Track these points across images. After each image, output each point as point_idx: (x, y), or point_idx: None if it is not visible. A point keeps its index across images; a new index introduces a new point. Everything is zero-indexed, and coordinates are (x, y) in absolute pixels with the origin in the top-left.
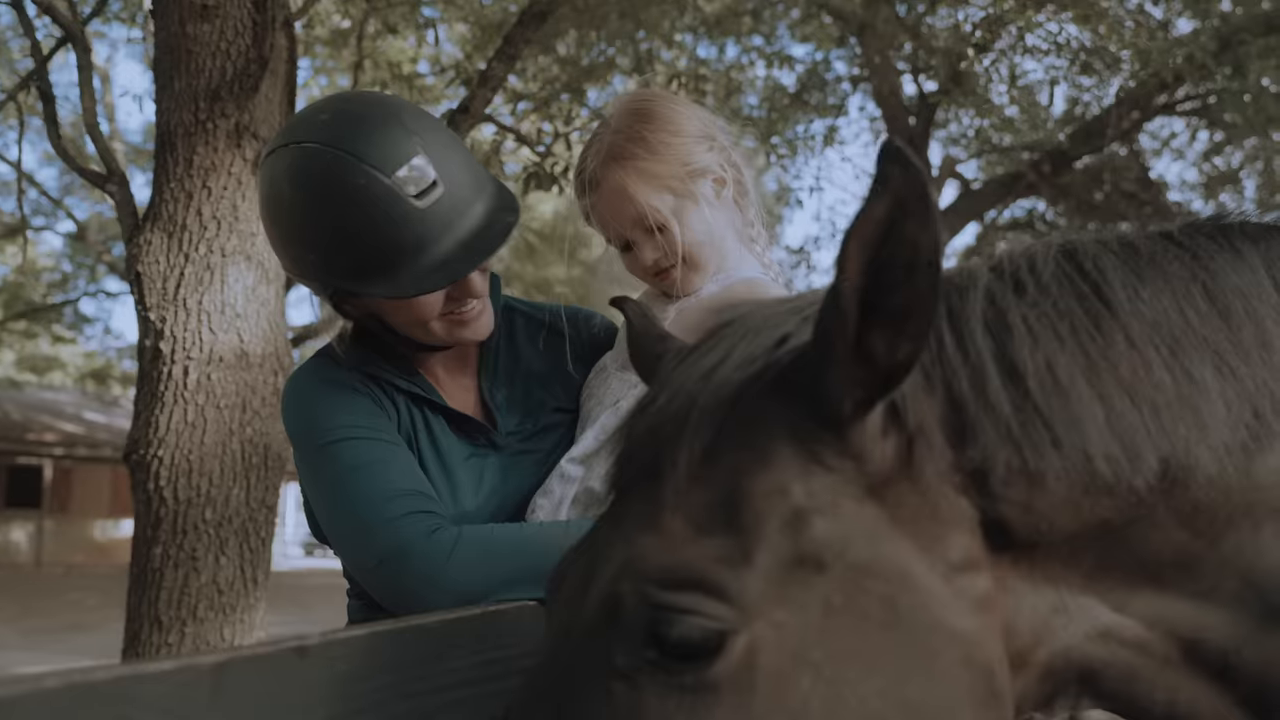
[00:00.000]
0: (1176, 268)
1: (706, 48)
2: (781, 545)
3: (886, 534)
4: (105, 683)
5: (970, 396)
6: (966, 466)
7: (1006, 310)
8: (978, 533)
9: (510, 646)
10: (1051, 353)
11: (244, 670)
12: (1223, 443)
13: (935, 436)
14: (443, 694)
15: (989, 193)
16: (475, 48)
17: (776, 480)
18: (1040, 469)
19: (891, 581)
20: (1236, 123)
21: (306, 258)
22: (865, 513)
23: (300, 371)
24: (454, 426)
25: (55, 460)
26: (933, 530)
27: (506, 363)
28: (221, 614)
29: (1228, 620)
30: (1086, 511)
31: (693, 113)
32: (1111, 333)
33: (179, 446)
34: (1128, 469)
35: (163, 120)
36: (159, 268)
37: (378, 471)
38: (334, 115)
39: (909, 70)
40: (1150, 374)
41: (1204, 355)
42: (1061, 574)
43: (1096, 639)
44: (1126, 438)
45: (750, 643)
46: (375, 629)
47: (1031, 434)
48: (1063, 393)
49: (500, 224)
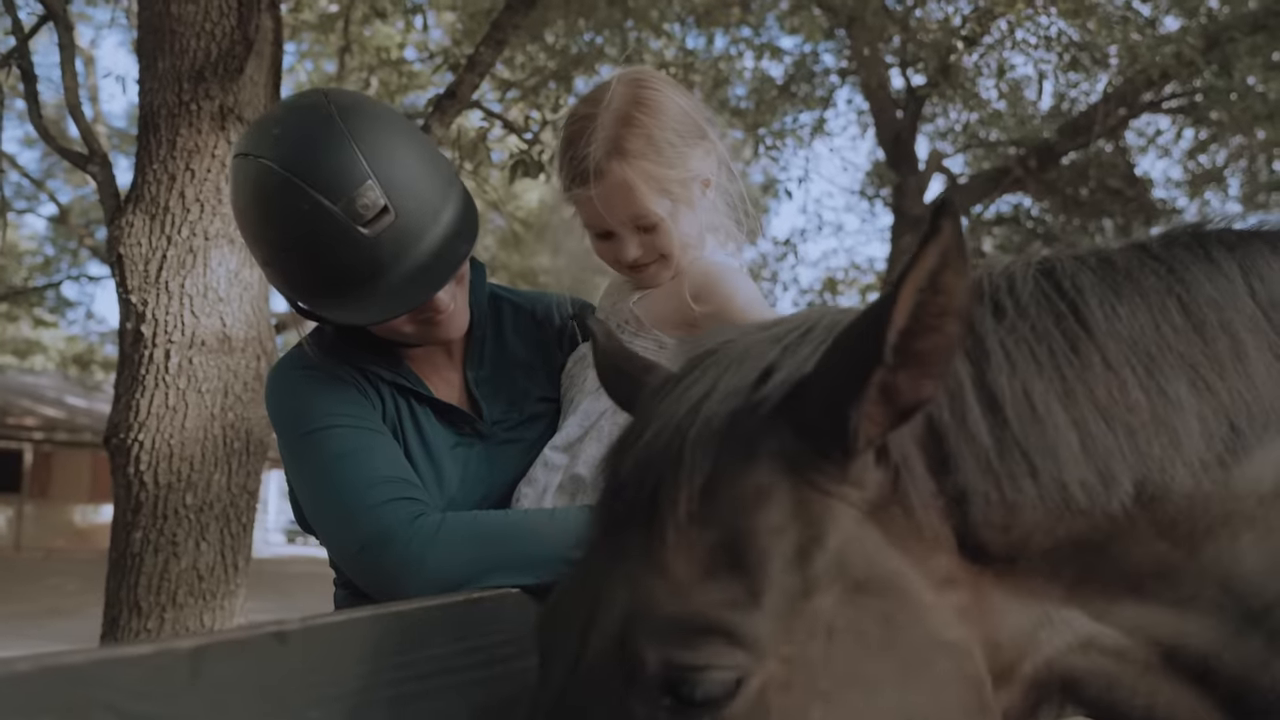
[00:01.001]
0: (1152, 282)
1: (695, 38)
2: (787, 582)
3: (882, 551)
4: (79, 666)
5: (951, 426)
6: (948, 493)
7: (985, 336)
8: (956, 553)
9: (492, 634)
10: (1029, 379)
11: (222, 655)
12: (1198, 458)
13: (918, 466)
14: (423, 680)
15: (975, 187)
16: (464, 34)
17: (777, 515)
18: (1017, 498)
19: (887, 597)
20: (1222, 121)
21: (265, 269)
22: (862, 534)
23: (284, 360)
24: (439, 416)
25: (35, 444)
26: (920, 548)
27: (493, 352)
28: (201, 600)
29: (1207, 626)
30: (1063, 531)
31: (690, 105)
32: (1089, 354)
33: (160, 431)
34: (1103, 494)
35: (146, 101)
36: (141, 250)
37: (361, 459)
38: (288, 130)
39: (897, 63)
40: (1126, 395)
41: (1179, 371)
42: (1044, 588)
43: (1078, 649)
44: (1101, 463)
45: (763, 681)
46: (355, 615)
47: (1009, 464)
48: (1039, 421)
49: (454, 254)
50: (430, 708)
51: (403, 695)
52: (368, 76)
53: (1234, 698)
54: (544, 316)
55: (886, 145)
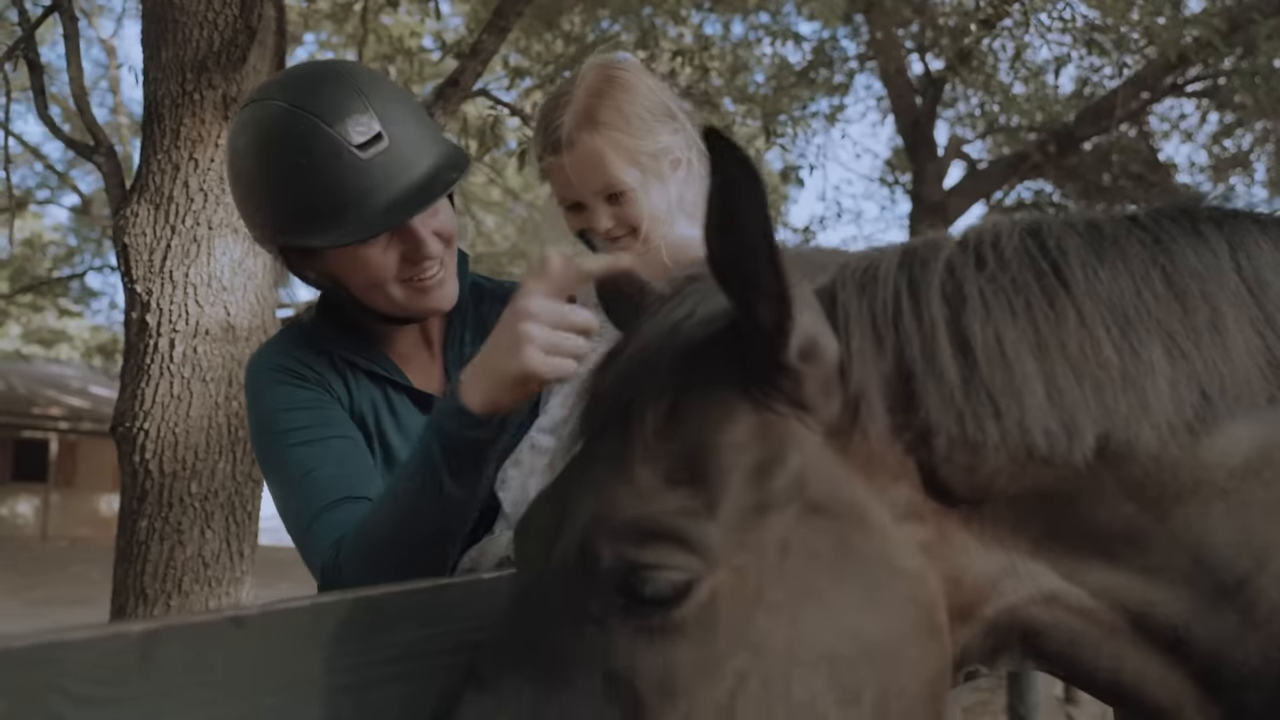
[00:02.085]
0: (1137, 249)
1: (713, 24)
2: (743, 495)
3: (842, 476)
4: (27, 650)
5: (919, 363)
6: (912, 428)
7: (964, 281)
8: (921, 487)
9: (459, 619)
10: (1002, 326)
11: (176, 639)
12: (1166, 421)
13: (876, 400)
14: (388, 665)
15: (995, 173)
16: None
17: (739, 433)
18: (980, 438)
19: (844, 520)
20: (1246, 104)
21: (258, 218)
22: (823, 458)
23: (262, 352)
24: (418, 404)
25: (61, 434)
26: (882, 478)
27: (473, 339)
28: (208, 587)
29: (1178, 597)
30: (1029, 478)
31: (662, 90)
32: (1064, 310)
33: (165, 419)
34: (1065, 443)
35: (150, 91)
36: (145, 240)
37: (307, 485)
38: (285, 77)
39: (915, 48)
40: (1098, 351)
41: (1154, 336)
42: (1011, 539)
43: (1041, 602)
44: (1066, 413)
45: (713, 587)
46: (317, 600)
47: (974, 404)
48: (1008, 366)
49: (444, 178)
50: (395, 692)
51: (367, 680)
52: (385, 66)
53: (1207, 670)
54: None
55: (905, 131)
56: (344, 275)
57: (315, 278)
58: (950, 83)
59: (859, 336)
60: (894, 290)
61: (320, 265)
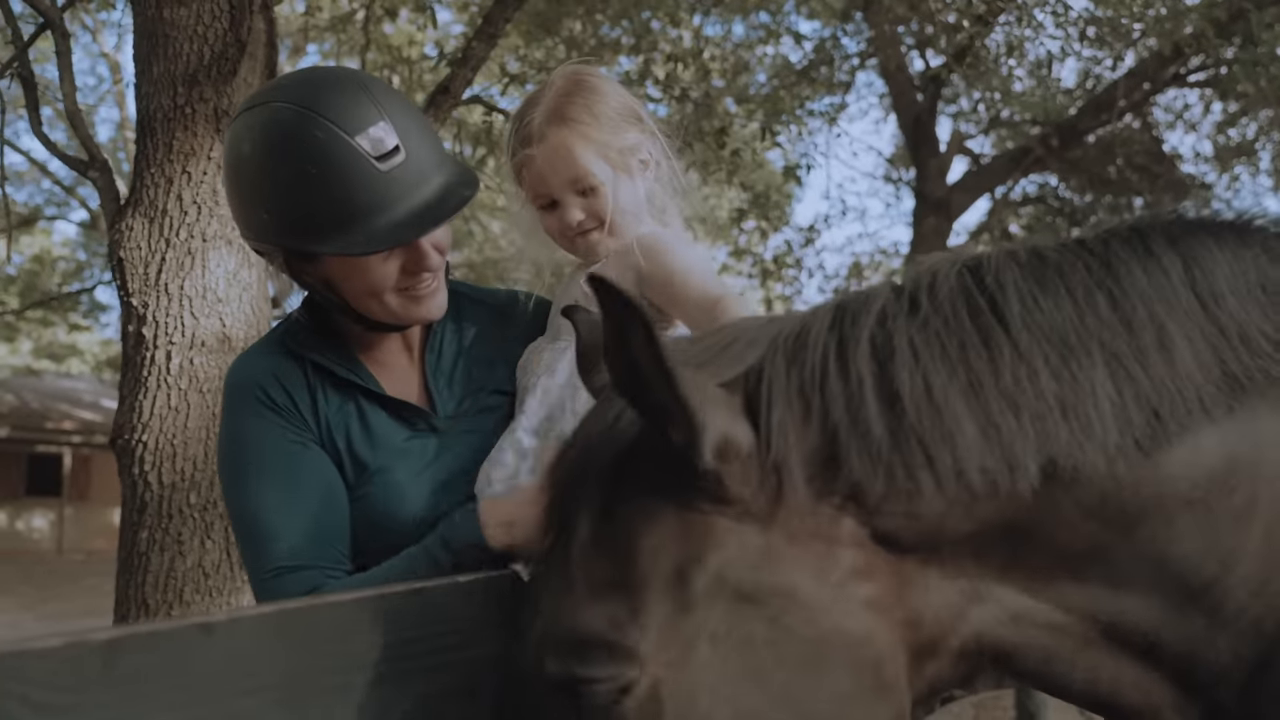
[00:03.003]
0: (1081, 275)
1: (713, 25)
2: (666, 598)
3: (768, 560)
4: None
5: (844, 423)
6: (840, 490)
7: (894, 333)
8: (867, 543)
9: (433, 624)
10: (931, 372)
11: (139, 647)
12: (1113, 443)
13: (797, 473)
14: (362, 670)
15: (998, 168)
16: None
17: (658, 537)
18: (913, 487)
19: (774, 602)
20: (1249, 93)
21: (260, 217)
22: (746, 544)
23: (242, 365)
24: (391, 412)
25: (74, 448)
26: (814, 546)
27: (451, 344)
28: (208, 597)
29: (1146, 605)
30: (981, 514)
31: (627, 95)
32: (999, 345)
33: (163, 431)
34: (1007, 477)
35: (142, 105)
36: (140, 253)
37: (266, 536)
38: (300, 80)
39: (915, 45)
40: (1035, 382)
41: (1097, 360)
42: (974, 568)
43: (1009, 623)
44: (1005, 449)
45: (650, 685)
46: (285, 607)
47: (904, 454)
48: (936, 411)
49: (457, 195)
50: (370, 696)
51: (341, 684)
52: (387, 75)
53: (1181, 672)
54: (503, 311)
55: (907, 128)
56: (340, 280)
57: (310, 280)
58: (949, 79)
59: (781, 409)
60: (822, 353)
61: (317, 269)
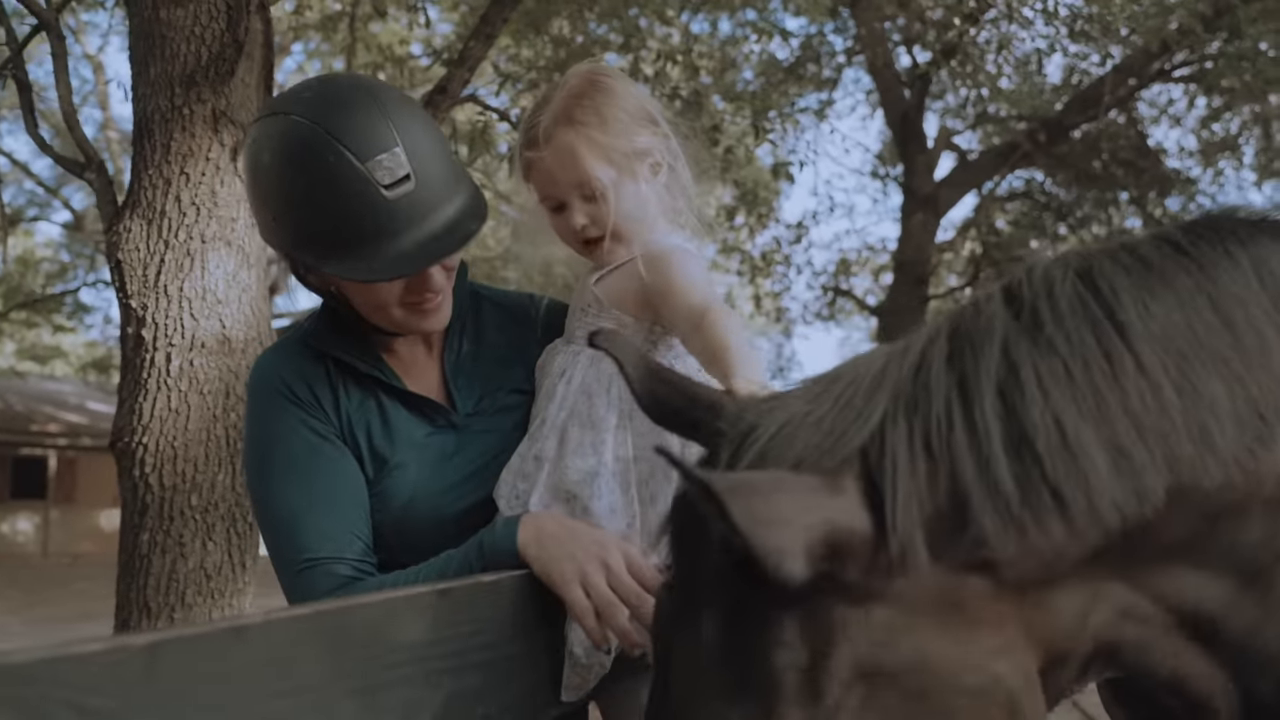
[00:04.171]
0: (1184, 280)
1: (700, 23)
2: (800, 695)
3: (896, 633)
4: (26, 665)
5: (973, 483)
6: (965, 548)
7: (1019, 365)
8: (992, 593)
9: (462, 624)
10: (1061, 410)
11: (178, 651)
12: (1231, 454)
13: (919, 542)
14: (392, 670)
15: (985, 163)
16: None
17: (785, 633)
18: (1043, 538)
19: (906, 673)
20: (1234, 87)
21: (271, 224)
22: (871, 624)
23: (266, 363)
24: (411, 408)
25: (59, 450)
26: (943, 610)
27: (470, 343)
28: (210, 599)
29: (1217, 591)
30: (1100, 538)
31: (643, 96)
32: (1122, 362)
33: (163, 433)
34: (1136, 507)
35: (139, 107)
36: (139, 255)
37: (295, 529)
38: (320, 93)
39: (902, 42)
40: (1159, 398)
41: (1211, 368)
42: (1090, 571)
43: (1117, 619)
44: (1134, 479)
45: None
46: (319, 608)
47: (1034, 506)
48: (1069, 451)
49: (464, 229)
50: (400, 696)
51: (372, 685)
52: (375, 74)
53: (1234, 660)
54: (521, 314)
55: (894, 124)
56: (348, 292)
57: (317, 284)
58: (934, 75)
59: (905, 485)
60: (945, 401)
61: (326, 279)
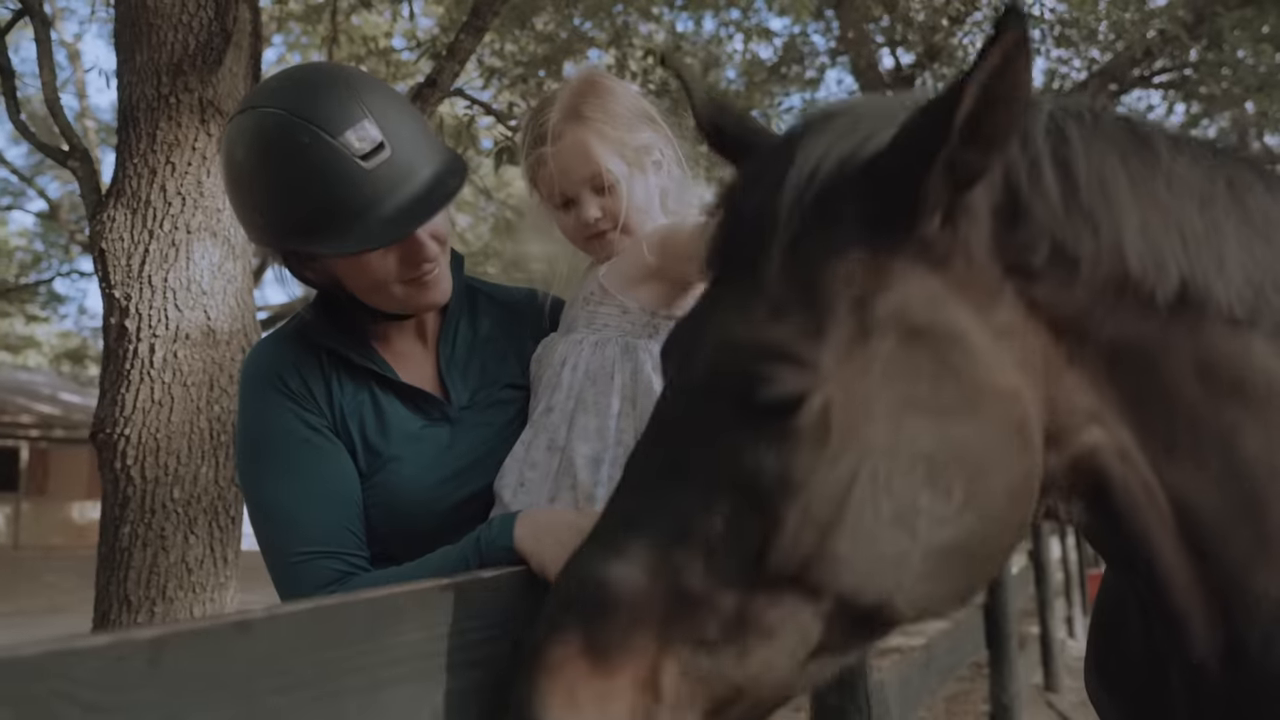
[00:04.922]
0: (1206, 155)
1: (684, 21)
2: (850, 322)
3: (943, 301)
4: (33, 659)
5: (1025, 184)
6: (1014, 245)
7: (1068, 130)
8: (1024, 308)
9: (463, 619)
10: (1100, 166)
11: (183, 645)
12: (1236, 289)
13: (984, 222)
14: (394, 666)
15: None
16: (453, 22)
17: (849, 267)
18: (1077, 251)
19: (943, 341)
20: (1213, 95)
21: (257, 220)
22: (926, 284)
23: (259, 354)
24: (406, 401)
25: (31, 442)
26: (983, 299)
27: (466, 336)
28: (191, 593)
29: (1215, 500)
30: (1119, 322)
31: (642, 98)
32: (1155, 173)
33: (146, 425)
34: (1154, 275)
35: (125, 95)
36: (123, 245)
37: (288, 524)
38: (284, 82)
39: (886, 43)
40: (1184, 211)
41: (1229, 217)
42: (1105, 388)
43: (1119, 456)
44: (1157, 248)
45: (824, 399)
46: (321, 603)
47: (1074, 221)
48: (1108, 196)
49: (445, 186)
50: (402, 693)
51: (374, 681)
52: (357, 66)
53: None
54: (517, 308)
55: None
56: (345, 278)
57: (315, 278)
58: (920, 78)
59: None
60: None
61: (321, 268)
